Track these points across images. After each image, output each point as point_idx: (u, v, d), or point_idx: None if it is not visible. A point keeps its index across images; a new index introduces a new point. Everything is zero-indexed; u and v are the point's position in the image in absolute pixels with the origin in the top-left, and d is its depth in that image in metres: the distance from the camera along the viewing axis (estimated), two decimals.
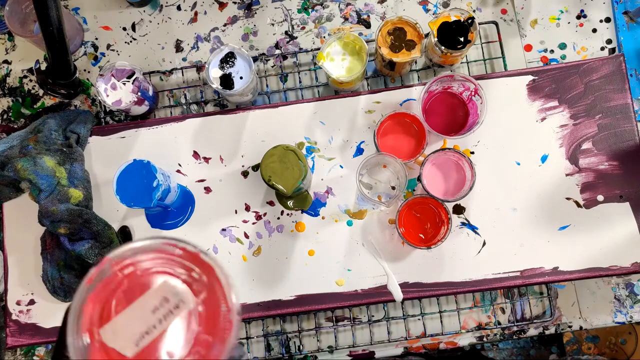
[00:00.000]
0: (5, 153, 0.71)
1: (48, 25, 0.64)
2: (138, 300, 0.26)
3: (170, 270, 0.26)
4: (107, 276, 0.27)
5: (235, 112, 0.75)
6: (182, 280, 0.26)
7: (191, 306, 0.26)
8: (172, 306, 0.26)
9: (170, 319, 0.26)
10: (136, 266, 0.27)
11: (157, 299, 0.26)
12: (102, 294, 0.26)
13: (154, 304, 0.26)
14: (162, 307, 0.26)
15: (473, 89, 0.69)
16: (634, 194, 0.71)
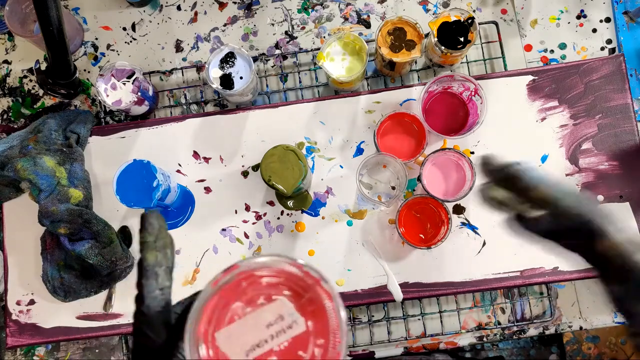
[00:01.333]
0: (5, 153, 0.71)
1: (48, 25, 0.64)
2: (255, 312, 0.27)
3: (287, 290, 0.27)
4: (230, 283, 0.27)
5: (235, 112, 0.75)
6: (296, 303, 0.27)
7: (303, 329, 0.27)
8: (286, 325, 0.27)
9: (281, 338, 0.27)
10: (258, 279, 0.27)
11: (273, 315, 0.27)
12: (224, 299, 0.27)
13: (269, 320, 0.27)
14: (276, 324, 0.27)
15: (473, 89, 0.69)
16: (634, 194, 0.71)
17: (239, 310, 0.27)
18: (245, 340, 0.27)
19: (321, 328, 0.27)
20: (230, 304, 0.27)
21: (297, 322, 0.27)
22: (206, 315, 0.27)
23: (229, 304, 0.27)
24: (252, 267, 0.27)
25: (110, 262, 0.69)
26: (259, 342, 0.27)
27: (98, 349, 0.75)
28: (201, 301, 0.27)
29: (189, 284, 0.72)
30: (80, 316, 0.72)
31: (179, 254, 0.73)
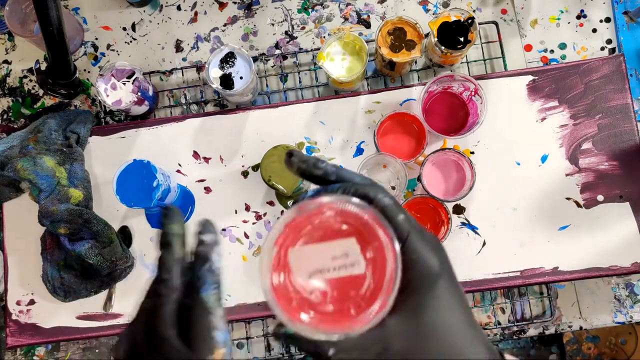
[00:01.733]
0: (5, 153, 0.71)
1: (48, 25, 0.64)
2: (327, 243, 0.30)
3: (358, 235, 0.30)
4: (312, 210, 0.30)
5: (235, 112, 0.75)
6: (363, 247, 0.30)
7: (362, 271, 0.29)
8: (349, 262, 0.30)
9: (341, 272, 0.30)
10: (335, 216, 0.30)
11: (341, 250, 0.30)
12: (303, 223, 0.30)
13: (336, 253, 0.30)
14: (340, 259, 0.30)
15: (473, 89, 0.69)
16: (634, 194, 0.71)
17: (313, 238, 0.30)
18: (311, 264, 0.30)
19: (377, 277, 0.29)
20: (307, 229, 0.30)
21: (359, 263, 0.30)
22: (286, 232, 0.30)
23: (306, 229, 0.30)
24: (333, 203, 0.30)
25: (110, 262, 0.69)
26: (322, 269, 0.30)
27: (98, 349, 0.75)
28: (286, 219, 0.30)
29: None
30: (80, 316, 0.72)
31: None
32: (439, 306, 0.30)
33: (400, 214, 0.31)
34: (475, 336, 0.32)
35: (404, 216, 0.31)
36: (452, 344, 0.31)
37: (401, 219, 0.31)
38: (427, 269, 0.30)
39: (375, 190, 0.31)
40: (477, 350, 0.31)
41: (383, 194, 0.31)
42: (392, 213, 0.30)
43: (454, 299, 0.31)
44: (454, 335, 0.31)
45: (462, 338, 0.31)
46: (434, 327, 0.30)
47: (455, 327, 0.31)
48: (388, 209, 0.30)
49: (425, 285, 0.30)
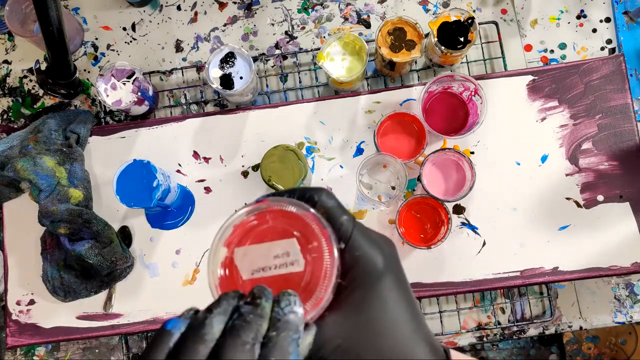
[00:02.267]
0: (5, 153, 0.71)
1: (48, 25, 0.64)
2: (270, 243, 0.32)
3: (300, 234, 0.32)
4: (258, 212, 0.32)
5: (235, 112, 0.75)
6: (303, 247, 0.32)
7: (301, 269, 0.31)
8: (289, 261, 0.32)
9: (282, 269, 0.32)
10: (280, 218, 0.32)
11: (282, 249, 0.32)
12: (249, 224, 0.32)
13: (278, 252, 0.32)
14: (282, 257, 0.32)
15: (473, 89, 0.69)
16: (634, 194, 0.71)
17: (258, 238, 0.32)
18: (254, 262, 0.32)
19: (315, 275, 0.31)
20: (254, 230, 0.32)
21: (298, 262, 0.31)
22: (235, 233, 0.32)
23: (253, 231, 0.32)
24: (279, 203, 0.32)
25: (110, 262, 0.69)
26: (264, 267, 0.32)
27: (98, 349, 0.75)
28: (234, 219, 0.32)
29: (189, 284, 0.72)
30: (80, 316, 0.72)
31: (179, 254, 0.73)
32: (381, 303, 0.31)
33: (344, 215, 0.32)
34: (418, 335, 0.32)
35: (347, 217, 0.32)
36: (392, 343, 0.31)
37: (344, 220, 0.32)
38: (370, 266, 0.31)
39: (319, 193, 0.33)
40: (419, 349, 0.32)
41: (327, 196, 0.33)
42: (336, 214, 0.32)
43: (398, 297, 0.32)
44: (395, 334, 0.31)
45: (403, 336, 0.31)
46: (374, 325, 0.31)
47: (397, 326, 0.31)
48: (331, 211, 0.32)
49: (368, 282, 0.31)
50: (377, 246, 0.32)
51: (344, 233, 0.32)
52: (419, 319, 0.33)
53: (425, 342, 0.32)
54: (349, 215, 0.32)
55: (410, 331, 0.32)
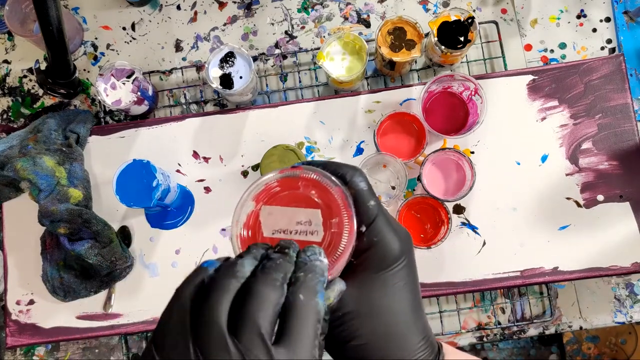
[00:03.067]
0: (5, 153, 0.71)
1: (48, 25, 0.64)
2: (296, 209, 0.33)
3: (324, 206, 0.33)
4: (292, 177, 0.34)
5: (235, 112, 0.75)
6: (325, 219, 0.33)
7: (319, 239, 0.33)
8: (310, 230, 0.33)
9: (301, 236, 0.33)
10: (310, 188, 0.34)
11: (306, 217, 0.33)
12: (281, 186, 0.34)
13: (302, 219, 0.33)
14: (304, 225, 0.33)
15: (473, 88, 0.69)
16: (634, 193, 0.71)
17: (285, 200, 0.34)
18: (277, 222, 0.33)
19: (331, 249, 0.32)
20: (283, 192, 0.34)
21: (318, 232, 0.33)
22: (264, 191, 0.34)
23: (282, 192, 0.34)
24: (311, 177, 0.33)
25: (110, 262, 0.69)
26: (286, 230, 0.33)
27: (98, 349, 0.75)
28: (267, 178, 0.34)
29: None
30: (80, 316, 0.72)
31: (179, 253, 0.73)
32: (386, 289, 0.33)
33: (371, 200, 0.33)
34: (416, 326, 0.34)
35: (374, 202, 0.33)
36: (388, 327, 0.33)
37: (372, 205, 0.33)
38: (385, 253, 0.33)
39: (352, 172, 0.34)
40: (414, 339, 0.33)
41: (360, 178, 0.33)
42: (365, 198, 0.33)
43: (404, 286, 0.33)
44: (392, 319, 0.33)
45: (400, 323, 0.33)
46: (374, 305, 0.33)
47: (396, 312, 0.33)
48: (361, 193, 0.33)
49: (379, 266, 0.33)
50: (396, 236, 0.33)
51: (368, 217, 0.33)
52: (420, 312, 0.34)
53: (421, 334, 0.34)
54: (376, 201, 0.33)
55: (409, 321, 0.33)
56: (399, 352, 0.33)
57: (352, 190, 0.33)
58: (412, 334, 0.33)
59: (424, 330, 0.34)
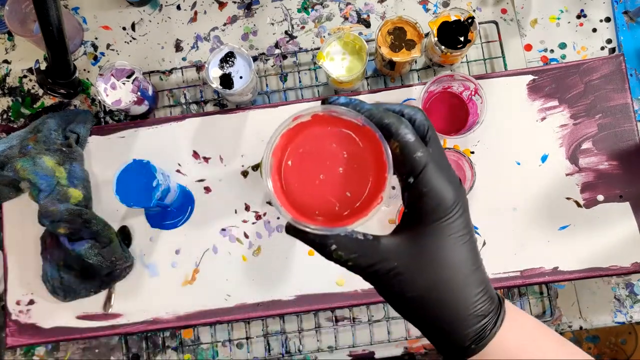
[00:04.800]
0: (5, 153, 0.71)
1: (48, 25, 0.64)
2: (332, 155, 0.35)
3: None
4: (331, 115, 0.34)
5: (235, 112, 0.75)
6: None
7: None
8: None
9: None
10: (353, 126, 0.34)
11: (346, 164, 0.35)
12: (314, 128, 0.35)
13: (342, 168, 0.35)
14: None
15: (473, 88, 0.69)
16: (634, 193, 0.71)
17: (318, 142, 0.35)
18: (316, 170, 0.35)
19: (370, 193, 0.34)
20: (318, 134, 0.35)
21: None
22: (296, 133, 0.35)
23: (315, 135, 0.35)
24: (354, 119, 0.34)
25: (110, 262, 0.69)
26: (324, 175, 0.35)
27: (98, 349, 0.75)
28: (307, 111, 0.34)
29: (189, 284, 0.72)
30: (80, 316, 0.72)
31: (179, 254, 0.73)
32: (442, 241, 0.32)
33: (419, 151, 0.32)
34: (475, 277, 0.33)
35: (422, 152, 0.32)
36: (447, 277, 0.32)
37: (418, 156, 0.32)
38: (437, 203, 0.32)
39: (398, 124, 0.33)
40: (472, 290, 0.33)
41: (406, 130, 0.32)
42: (410, 149, 0.32)
43: (459, 236, 0.32)
44: (450, 272, 0.32)
45: (459, 274, 0.32)
46: (432, 260, 0.32)
47: (454, 264, 0.32)
48: (407, 145, 0.32)
49: (433, 218, 0.32)
50: (449, 185, 0.32)
51: (415, 168, 0.32)
52: (477, 264, 0.33)
53: (479, 286, 0.33)
54: (424, 151, 0.32)
55: (467, 272, 0.33)
56: (455, 304, 0.32)
57: (396, 144, 0.32)
58: (469, 286, 0.32)
59: (482, 282, 0.33)
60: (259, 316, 0.71)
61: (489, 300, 0.33)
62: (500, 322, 0.33)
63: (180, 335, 0.75)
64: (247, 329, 0.74)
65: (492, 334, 0.33)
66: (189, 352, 0.74)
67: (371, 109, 0.33)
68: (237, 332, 0.74)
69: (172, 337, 0.75)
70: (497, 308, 0.34)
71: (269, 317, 0.72)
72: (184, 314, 0.72)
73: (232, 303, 0.72)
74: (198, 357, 0.74)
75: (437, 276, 0.32)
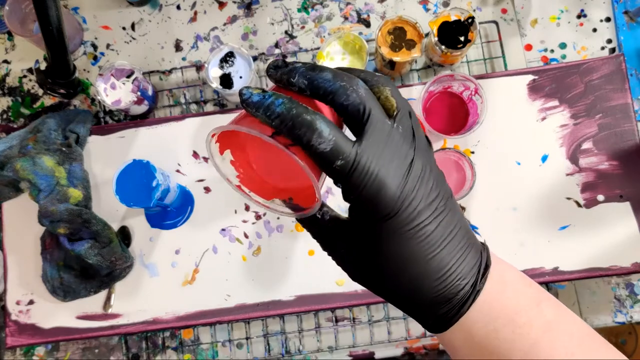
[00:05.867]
0: (5, 153, 0.71)
1: (48, 25, 0.64)
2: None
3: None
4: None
5: (235, 112, 0.75)
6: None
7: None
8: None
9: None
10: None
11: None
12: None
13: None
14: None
15: (473, 88, 0.69)
16: (634, 193, 0.71)
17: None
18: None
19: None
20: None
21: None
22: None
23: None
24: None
25: (110, 262, 0.69)
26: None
27: (97, 349, 0.75)
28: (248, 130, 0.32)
29: (189, 284, 0.72)
30: (80, 316, 0.72)
31: (178, 254, 0.73)
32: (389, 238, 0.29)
33: (338, 160, 0.29)
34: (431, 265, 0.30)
35: (342, 161, 0.29)
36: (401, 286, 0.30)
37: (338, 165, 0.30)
38: (373, 204, 0.28)
39: (308, 135, 0.29)
40: (430, 281, 0.30)
41: (319, 139, 0.29)
42: (328, 162, 0.29)
43: (409, 230, 0.29)
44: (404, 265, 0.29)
45: (413, 268, 0.29)
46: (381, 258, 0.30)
47: (406, 259, 0.29)
48: (322, 158, 0.29)
49: (373, 218, 0.29)
50: (387, 179, 0.28)
51: (338, 177, 0.29)
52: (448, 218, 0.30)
53: (440, 271, 0.30)
54: (345, 157, 0.29)
55: (421, 266, 0.29)
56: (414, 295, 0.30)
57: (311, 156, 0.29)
58: (427, 277, 0.30)
59: (442, 268, 0.30)
60: (259, 316, 0.71)
61: (457, 279, 0.30)
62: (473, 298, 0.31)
63: (180, 336, 0.75)
64: (247, 329, 0.74)
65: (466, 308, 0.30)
66: (189, 352, 0.74)
67: (281, 114, 0.28)
68: (237, 332, 0.74)
69: (172, 337, 0.75)
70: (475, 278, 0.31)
71: (269, 317, 0.72)
72: (184, 314, 0.72)
73: (232, 303, 0.71)
74: (198, 357, 0.74)
75: (390, 283, 0.30)
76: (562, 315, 0.32)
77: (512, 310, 0.32)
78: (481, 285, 0.32)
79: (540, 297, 0.33)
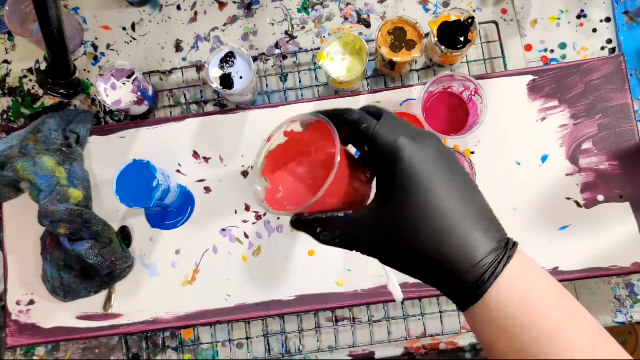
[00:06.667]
0: (5, 153, 0.71)
1: (48, 25, 0.64)
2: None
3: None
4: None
5: (235, 112, 0.75)
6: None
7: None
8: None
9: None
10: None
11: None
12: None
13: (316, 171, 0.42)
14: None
15: (473, 88, 0.69)
16: (634, 194, 0.71)
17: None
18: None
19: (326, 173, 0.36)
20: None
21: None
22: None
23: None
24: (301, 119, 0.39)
25: (110, 262, 0.69)
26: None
27: (98, 349, 0.75)
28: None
29: (189, 284, 0.72)
30: (80, 316, 0.72)
31: (179, 254, 0.73)
32: (403, 192, 0.31)
33: (364, 123, 0.34)
34: (469, 218, 0.32)
35: (367, 124, 0.34)
36: (431, 231, 0.31)
37: (364, 127, 0.34)
38: (391, 156, 0.32)
39: (344, 111, 0.36)
40: (470, 233, 0.32)
41: (351, 114, 0.35)
42: (357, 125, 0.34)
43: (429, 180, 0.31)
44: (431, 220, 0.31)
45: (445, 220, 0.31)
46: (404, 214, 0.31)
47: (432, 212, 0.31)
48: (354, 123, 0.34)
49: (389, 172, 0.32)
50: (402, 137, 0.32)
51: (364, 137, 0.34)
52: (464, 192, 0.33)
53: (478, 222, 0.34)
54: (370, 122, 0.34)
55: (455, 211, 0.31)
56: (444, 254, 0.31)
57: (344, 125, 0.35)
58: (472, 232, 0.32)
59: (483, 221, 0.33)
60: (259, 316, 0.71)
61: (490, 238, 0.33)
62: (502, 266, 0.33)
63: (180, 336, 0.75)
64: (247, 329, 0.74)
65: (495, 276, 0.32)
66: (189, 352, 0.74)
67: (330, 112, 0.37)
68: (238, 332, 0.74)
69: (172, 337, 0.75)
70: (503, 250, 0.33)
71: (269, 317, 0.72)
72: (184, 314, 0.72)
73: (232, 303, 0.72)
74: (198, 357, 0.74)
75: (419, 233, 0.31)
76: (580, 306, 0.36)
77: (540, 288, 0.35)
78: (512, 252, 0.34)
79: (561, 287, 0.36)
